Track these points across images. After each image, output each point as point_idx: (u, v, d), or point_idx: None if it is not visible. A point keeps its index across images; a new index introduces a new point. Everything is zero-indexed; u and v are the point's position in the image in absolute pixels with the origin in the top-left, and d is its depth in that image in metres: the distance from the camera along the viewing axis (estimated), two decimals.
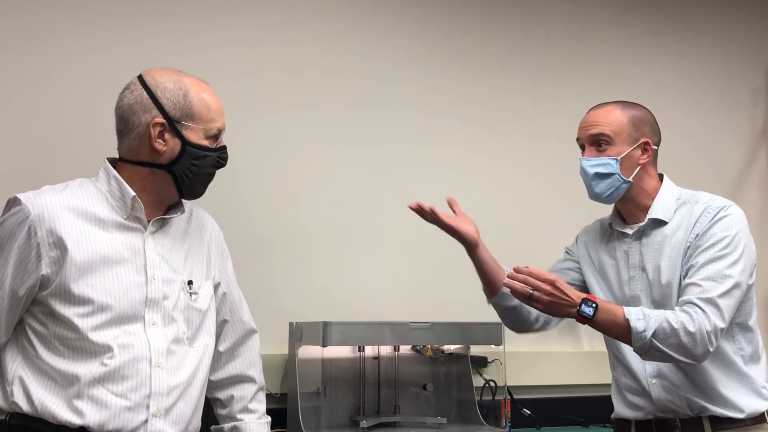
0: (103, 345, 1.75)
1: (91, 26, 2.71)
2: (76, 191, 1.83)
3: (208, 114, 1.85)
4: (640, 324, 1.92)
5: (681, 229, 2.08)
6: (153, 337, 1.81)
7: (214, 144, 1.87)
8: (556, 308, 1.98)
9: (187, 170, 1.84)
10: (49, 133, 2.62)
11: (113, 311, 1.77)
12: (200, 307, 1.92)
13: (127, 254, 1.81)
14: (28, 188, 1.80)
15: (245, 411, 2.03)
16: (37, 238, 1.75)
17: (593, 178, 2.10)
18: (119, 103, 1.86)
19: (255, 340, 2.09)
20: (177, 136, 1.82)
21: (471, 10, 3.37)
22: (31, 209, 1.76)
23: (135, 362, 1.77)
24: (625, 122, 2.12)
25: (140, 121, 1.82)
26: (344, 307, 2.87)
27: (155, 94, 1.82)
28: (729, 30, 3.90)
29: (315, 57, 3.05)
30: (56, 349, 1.75)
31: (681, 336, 1.92)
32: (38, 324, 1.77)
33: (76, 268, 1.75)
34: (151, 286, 1.83)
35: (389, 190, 3.13)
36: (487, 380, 2.99)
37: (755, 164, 3.87)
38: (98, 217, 1.81)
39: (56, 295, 1.75)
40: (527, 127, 3.40)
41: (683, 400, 2.05)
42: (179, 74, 1.87)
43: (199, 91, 1.86)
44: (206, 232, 2.00)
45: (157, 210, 1.88)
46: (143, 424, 1.77)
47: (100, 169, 1.88)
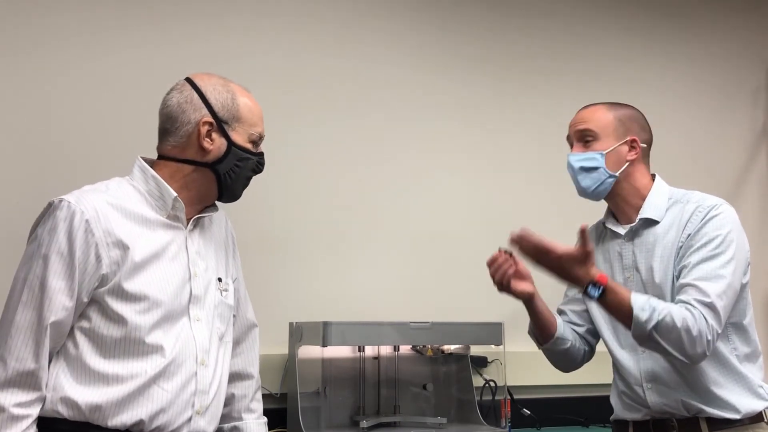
0: (155, 342, 1.76)
1: (111, 29, 2.72)
2: (117, 191, 1.84)
3: (251, 118, 1.92)
4: (644, 314, 1.92)
5: (673, 229, 2.08)
6: (198, 334, 1.83)
7: (255, 149, 1.93)
8: (564, 274, 1.97)
9: (230, 170, 1.89)
10: (70, 134, 2.63)
11: (165, 308, 1.78)
12: (230, 303, 1.96)
13: (174, 252, 1.84)
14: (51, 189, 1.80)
15: (246, 410, 2.04)
16: (95, 239, 1.73)
17: (579, 172, 2.12)
18: (167, 102, 1.90)
19: (256, 335, 2.11)
20: (223, 136, 1.87)
21: (472, 14, 3.37)
22: (85, 210, 1.74)
23: (184, 359, 1.79)
24: (611, 119, 2.13)
25: (189, 120, 1.86)
26: (344, 307, 2.87)
27: (205, 95, 1.88)
28: (729, 30, 3.90)
29: (315, 61, 3.05)
30: (107, 348, 1.74)
31: (682, 334, 1.91)
32: (88, 323, 1.75)
33: (133, 267, 1.76)
34: (195, 283, 1.86)
35: (389, 190, 3.13)
36: (487, 380, 2.99)
37: (755, 164, 3.87)
38: (143, 216, 1.82)
39: (111, 293, 1.74)
40: (528, 130, 3.39)
41: (678, 402, 2.05)
42: (225, 80, 1.94)
43: (245, 97, 1.93)
44: (223, 229, 2.05)
45: (194, 209, 1.91)
46: (187, 422, 1.79)
47: (135, 168, 1.90)
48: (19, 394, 1.68)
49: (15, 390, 1.68)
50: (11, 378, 1.68)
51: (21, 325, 1.70)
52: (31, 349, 1.69)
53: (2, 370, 1.68)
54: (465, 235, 3.22)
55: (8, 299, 1.75)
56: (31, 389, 1.69)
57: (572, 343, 2.23)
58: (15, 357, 1.68)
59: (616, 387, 2.21)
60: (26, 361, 1.69)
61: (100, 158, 2.57)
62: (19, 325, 1.70)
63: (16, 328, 1.70)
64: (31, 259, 1.74)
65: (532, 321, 2.22)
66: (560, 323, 2.22)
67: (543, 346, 2.25)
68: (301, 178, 2.99)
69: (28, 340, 1.69)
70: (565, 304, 2.33)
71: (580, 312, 2.28)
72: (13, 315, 1.71)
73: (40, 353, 1.69)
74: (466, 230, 3.23)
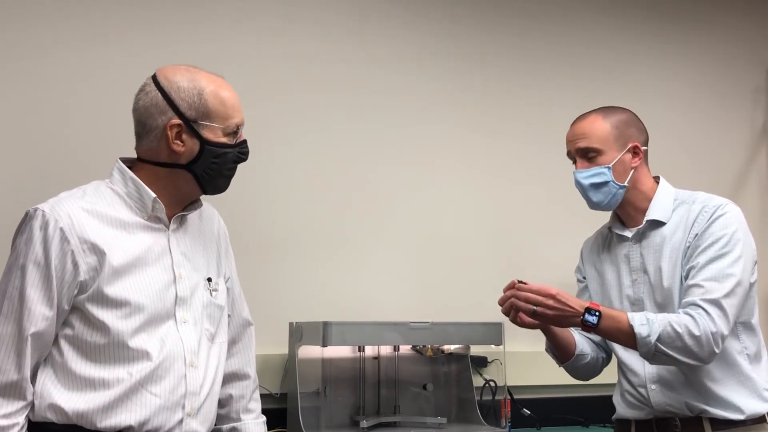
0: (140, 346, 1.74)
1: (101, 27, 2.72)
2: (94, 196, 1.80)
3: (224, 111, 1.82)
4: (644, 329, 1.92)
5: (680, 230, 2.08)
6: (185, 336, 1.81)
7: (233, 140, 1.85)
8: (561, 320, 1.99)
9: (207, 169, 1.82)
10: (54, 136, 2.62)
11: (148, 312, 1.76)
12: (220, 303, 1.93)
13: (156, 254, 1.81)
14: (37, 192, 1.77)
15: (244, 411, 2.03)
16: (71, 246, 1.71)
17: (589, 189, 2.11)
18: (135, 106, 1.84)
19: (251, 334, 2.08)
20: (195, 136, 1.80)
21: (471, 17, 3.37)
22: (59, 218, 1.72)
23: (172, 362, 1.77)
24: (610, 130, 2.12)
25: (157, 124, 1.80)
26: (344, 307, 2.87)
27: (170, 96, 1.80)
28: (729, 30, 3.90)
29: (318, 64, 3.05)
30: (92, 354, 1.72)
31: (686, 339, 1.91)
32: (71, 330, 1.73)
33: (112, 272, 1.73)
34: (180, 284, 1.83)
35: (390, 190, 3.13)
36: (487, 380, 2.99)
37: (755, 164, 3.87)
38: (122, 220, 1.79)
39: (92, 300, 1.72)
40: (529, 133, 3.38)
41: (682, 402, 2.05)
42: (193, 71, 1.84)
43: (215, 89, 1.82)
44: (215, 227, 2.01)
45: (176, 207, 1.87)
46: (178, 424, 1.77)
47: (114, 170, 1.86)
48: (4, 405, 1.68)
49: (0, 401, 1.68)
50: None
51: (2, 337, 1.69)
52: (13, 360, 1.68)
53: None
54: (465, 235, 3.22)
55: None
56: (15, 399, 1.69)
57: (591, 356, 2.24)
58: None
59: (620, 386, 2.21)
60: (9, 372, 1.68)
61: (89, 162, 2.53)
62: (0, 337, 1.69)
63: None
64: (10, 270, 1.73)
65: (550, 342, 2.22)
66: (578, 340, 2.22)
67: (563, 365, 2.26)
68: (301, 179, 2.99)
69: (9, 352, 1.68)
70: None
71: None
72: None
73: (23, 364, 1.69)
74: (466, 230, 3.23)
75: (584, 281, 2.32)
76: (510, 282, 2.02)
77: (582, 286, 2.33)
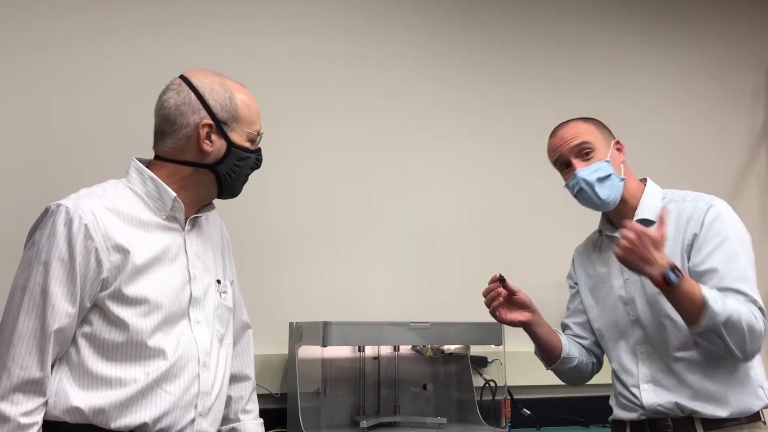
0: (158, 345, 1.75)
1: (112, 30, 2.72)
2: (113, 195, 1.81)
3: (250, 116, 1.89)
4: (718, 305, 1.91)
5: (671, 228, 2.07)
6: (199, 336, 1.82)
7: (254, 146, 1.91)
8: (636, 262, 1.93)
9: (231, 171, 1.86)
10: (54, 136, 2.62)
11: (165, 311, 1.77)
12: (229, 305, 1.95)
13: (173, 254, 1.82)
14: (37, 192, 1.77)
15: (243, 412, 2.04)
16: (95, 243, 1.72)
17: (596, 184, 2.10)
18: (164, 104, 1.85)
19: (250, 336, 2.11)
20: (223, 137, 1.84)
21: (470, 18, 3.37)
22: (83, 215, 1.72)
23: (186, 362, 1.78)
24: (594, 128, 2.16)
25: (188, 122, 1.83)
26: (344, 307, 2.87)
27: (203, 96, 1.84)
28: (729, 30, 3.90)
29: (316, 65, 3.05)
30: (109, 352, 1.72)
31: (746, 332, 1.93)
32: (90, 328, 1.73)
33: (134, 270, 1.74)
34: (194, 285, 1.84)
35: (390, 191, 3.13)
36: (487, 380, 2.99)
37: (755, 164, 3.87)
38: (141, 219, 1.80)
39: (113, 297, 1.73)
40: (525, 134, 3.37)
41: (672, 403, 2.05)
42: (221, 77, 1.90)
43: (243, 95, 1.89)
44: (218, 230, 2.03)
45: (191, 209, 1.89)
46: (190, 424, 1.78)
47: (131, 169, 1.87)
48: (25, 403, 1.66)
49: (21, 398, 1.66)
50: (16, 386, 1.66)
51: (23, 333, 1.68)
52: (36, 357, 1.67)
53: (6, 379, 1.66)
54: (465, 235, 3.23)
55: (7, 307, 1.73)
56: (36, 396, 1.68)
57: (579, 360, 2.25)
58: (19, 365, 1.66)
59: (614, 389, 2.22)
60: (31, 369, 1.67)
61: (99, 160, 2.56)
62: (21, 333, 1.68)
63: (19, 336, 1.67)
64: (30, 266, 1.72)
65: (535, 344, 2.24)
66: (565, 342, 2.23)
67: (550, 367, 2.27)
68: (301, 179, 2.99)
69: (32, 348, 1.67)
70: (569, 318, 2.34)
71: (583, 324, 2.29)
72: (14, 323, 1.68)
73: (45, 360, 1.68)
74: (466, 231, 3.23)
75: (575, 287, 2.33)
76: (492, 276, 2.08)
77: (573, 292, 2.34)
